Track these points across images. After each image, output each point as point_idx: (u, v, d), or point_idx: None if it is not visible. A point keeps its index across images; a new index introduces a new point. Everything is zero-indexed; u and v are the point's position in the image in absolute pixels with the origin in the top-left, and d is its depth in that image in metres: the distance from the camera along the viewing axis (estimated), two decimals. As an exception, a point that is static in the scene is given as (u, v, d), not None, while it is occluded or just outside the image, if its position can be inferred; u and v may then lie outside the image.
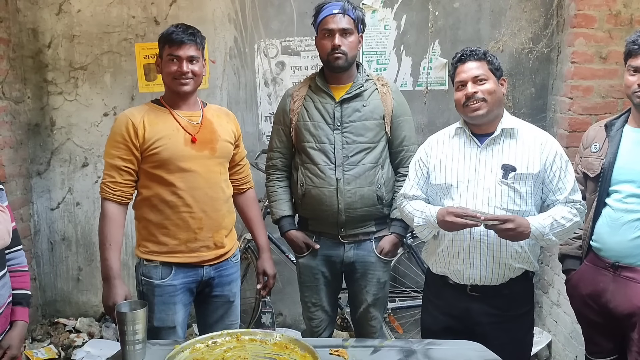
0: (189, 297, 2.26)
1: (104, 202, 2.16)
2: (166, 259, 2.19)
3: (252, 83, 3.59)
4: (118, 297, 2.08)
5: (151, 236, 2.20)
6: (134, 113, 2.17)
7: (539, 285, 3.60)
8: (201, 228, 2.19)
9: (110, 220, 2.14)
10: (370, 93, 2.44)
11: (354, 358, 1.77)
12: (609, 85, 3.08)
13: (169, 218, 2.17)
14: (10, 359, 1.84)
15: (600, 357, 2.34)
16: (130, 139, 2.11)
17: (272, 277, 2.48)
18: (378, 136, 2.43)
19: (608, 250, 2.17)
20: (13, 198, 3.47)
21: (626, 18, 3.02)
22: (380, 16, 3.45)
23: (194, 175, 2.16)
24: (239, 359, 1.75)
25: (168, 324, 2.18)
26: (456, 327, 2.14)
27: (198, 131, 2.19)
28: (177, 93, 2.17)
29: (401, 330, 3.48)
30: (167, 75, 2.14)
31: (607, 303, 2.18)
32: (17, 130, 3.57)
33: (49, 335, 3.65)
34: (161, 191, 2.15)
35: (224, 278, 2.31)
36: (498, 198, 2.02)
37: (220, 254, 2.27)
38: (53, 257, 3.82)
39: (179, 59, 2.11)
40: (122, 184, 2.15)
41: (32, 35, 3.59)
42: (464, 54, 2.08)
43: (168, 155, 2.12)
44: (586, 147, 2.32)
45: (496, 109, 2.06)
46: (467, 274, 2.09)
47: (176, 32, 2.11)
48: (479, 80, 2.03)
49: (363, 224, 2.47)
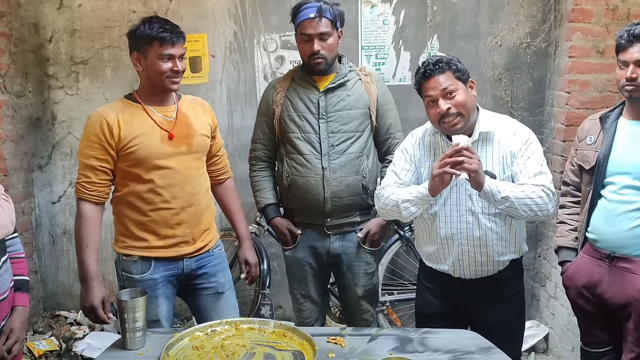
0: (172, 290, 2.25)
1: (80, 202, 2.13)
2: (145, 254, 2.17)
3: (251, 77, 3.60)
4: (95, 299, 2.07)
5: (129, 232, 2.18)
6: (108, 111, 2.12)
7: (536, 278, 3.62)
8: (179, 224, 2.18)
9: (87, 220, 2.12)
10: (354, 83, 2.45)
11: (351, 346, 1.80)
12: (606, 79, 3.09)
13: (147, 214, 2.15)
14: (14, 341, 1.86)
15: (596, 348, 2.36)
16: (105, 139, 2.08)
17: (253, 266, 2.46)
18: (363, 125, 2.45)
19: (604, 241, 2.19)
20: (14, 191, 3.49)
21: (623, 12, 3.03)
22: (379, 11, 3.47)
23: (172, 172, 2.14)
24: (237, 347, 1.77)
25: (151, 317, 2.13)
26: (449, 310, 2.18)
27: (173, 127, 2.16)
28: (164, 90, 2.15)
29: (399, 322, 3.50)
30: (158, 74, 2.09)
31: (603, 294, 2.20)
32: (19, 124, 3.59)
33: (50, 327, 3.68)
34: (138, 188, 2.13)
35: (208, 269, 2.29)
36: (479, 203, 2.04)
37: (200, 247, 2.25)
38: (54, 250, 3.85)
39: (173, 58, 2.08)
40: (98, 184, 2.12)
41: (34, 30, 3.60)
42: (427, 69, 2.02)
43: (145, 153, 2.10)
44: (581, 139, 2.33)
45: (472, 116, 2.04)
46: (458, 274, 2.13)
47: (167, 30, 2.07)
48: (449, 94, 1.98)
49: (348, 214, 2.49)
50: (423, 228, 2.18)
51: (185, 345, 1.79)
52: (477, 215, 2.04)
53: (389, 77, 3.52)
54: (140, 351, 1.79)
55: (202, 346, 1.78)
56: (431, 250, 2.16)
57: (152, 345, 1.82)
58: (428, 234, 2.16)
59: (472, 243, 2.06)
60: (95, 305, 2.07)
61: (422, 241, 2.21)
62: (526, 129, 2.09)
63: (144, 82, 2.17)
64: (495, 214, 2.05)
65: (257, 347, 1.78)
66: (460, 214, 2.06)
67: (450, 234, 2.08)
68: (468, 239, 2.06)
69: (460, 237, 2.07)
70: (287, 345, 1.79)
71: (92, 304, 2.07)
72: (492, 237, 2.06)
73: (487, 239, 2.06)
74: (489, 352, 1.77)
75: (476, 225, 2.05)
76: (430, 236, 2.14)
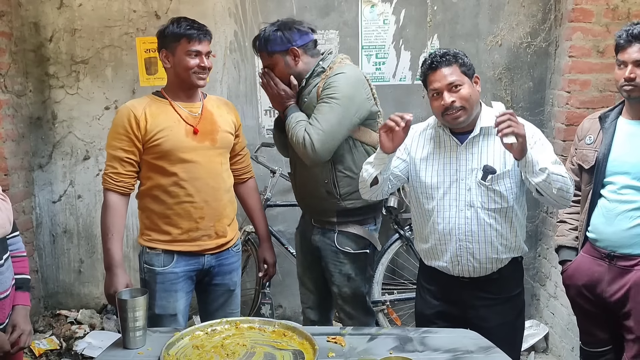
0: (190, 285, 2.29)
1: (106, 192, 2.19)
2: (168, 247, 2.22)
3: (252, 77, 3.61)
4: (119, 286, 2.11)
5: (154, 225, 2.23)
6: (136, 105, 2.20)
7: (536, 277, 3.62)
8: (203, 217, 2.22)
9: (113, 210, 2.18)
10: (312, 87, 2.29)
11: (351, 345, 1.80)
12: (606, 79, 3.09)
13: (171, 208, 2.20)
14: (19, 334, 1.87)
15: (595, 347, 2.37)
16: (132, 131, 2.14)
17: (272, 265, 2.53)
18: None
19: (604, 240, 2.20)
20: (15, 191, 3.50)
21: (623, 12, 3.04)
22: (380, 10, 3.47)
23: (196, 166, 2.19)
24: (237, 346, 1.77)
25: (169, 312, 2.22)
26: (449, 311, 2.17)
27: (198, 122, 2.22)
28: (191, 86, 2.21)
29: (399, 322, 3.51)
30: (185, 70, 2.16)
31: (603, 293, 2.21)
32: (19, 124, 3.59)
33: (50, 326, 3.68)
34: (163, 182, 2.19)
35: (224, 267, 2.34)
36: (479, 198, 2.04)
37: (222, 243, 2.30)
38: (55, 250, 3.85)
39: (199, 54, 2.16)
40: (124, 175, 2.18)
41: (34, 29, 3.61)
42: (434, 61, 2.01)
43: (170, 146, 2.15)
44: (581, 138, 2.34)
45: (475, 111, 2.04)
46: (456, 271, 2.12)
47: (194, 28, 2.15)
48: (454, 87, 1.97)
49: (324, 213, 2.40)
50: (421, 223, 2.18)
51: (186, 345, 1.80)
52: (476, 210, 2.04)
53: (389, 76, 3.52)
54: (140, 350, 1.79)
55: (202, 345, 1.79)
56: (429, 246, 2.15)
57: (152, 345, 1.82)
58: (426, 229, 2.15)
59: (471, 238, 2.06)
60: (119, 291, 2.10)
61: (420, 237, 2.21)
62: (530, 125, 2.07)
63: (172, 78, 2.24)
64: (494, 209, 2.04)
65: (257, 346, 1.78)
66: (459, 208, 2.06)
67: (448, 229, 2.08)
68: (466, 234, 2.06)
69: (459, 232, 2.07)
70: (287, 345, 1.79)
71: (117, 290, 2.09)
72: (491, 234, 2.05)
73: (486, 235, 2.05)
74: (488, 352, 1.77)
75: (475, 221, 2.05)
76: (428, 231, 2.14)
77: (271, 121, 3.61)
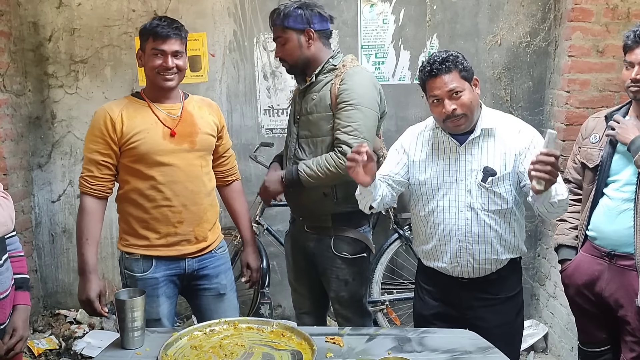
0: (173, 289, 2.25)
1: (82, 196, 2.15)
2: (146, 252, 2.18)
3: (251, 76, 3.61)
4: (92, 292, 2.08)
5: (132, 230, 2.19)
6: (113, 107, 2.14)
7: (536, 277, 3.62)
8: (181, 222, 2.18)
9: (88, 214, 2.13)
10: (323, 85, 2.28)
11: (349, 346, 1.80)
12: (605, 78, 3.09)
13: (149, 212, 2.16)
14: (17, 340, 1.87)
15: (594, 347, 2.37)
16: (108, 133, 2.09)
17: (255, 271, 2.46)
18: (322, 130, 2.27)
19: (604, 239, 2.19)
20: (14, 190, 3.50)
21: (623, 12, 3.03)
22: (379, 10, 3.46)
23: (173, 169, 2.14)
24: (236, 347, 1.77)
25: (152, 316, 2.15)
26: (447, 312, 2.17)
27: (177, 124, 2.16)
28: (161, 87, 2.15)
29: (399, 322, 3.50)
30: (151, 70, 2.10)
31: (602, 292, 2.21)
32: (18, 123, 3.59)
33: (50, 326, 3.69)
34: (141, 185, 2.14)
35: (210, 270, 2.28)
36: (479, 200, 2.04)
37: (202, 247, 2.25)
38: (54, 249, 3.85)
39: (164, 54, 2.08)
40: (100, 179, 2.14)
41: (33, 29, 3.61)
42: (433, 68, 1.95)
43: (146, 149, 2.10)
44: (585, 137, 2.33)
45: (476, 115, 2.03)
46: (455, 272, 2.12)
47: (161, 25, 2.07)
48: (454, 94, 1.95)
49: (318, 218, 2.38)
50: (421, 224, 2.18)
51: (184, 345, 1.79)
52: (476, 211, 2.04)
53: (388, 76, 3.52)
54: (138, 350, 1.79)
55: (200, 346, 1.78)
56: (428, 248, 2.15)
57: (150, 345, 1.82)
58: (426, 231, 2.15)
59: (470, 239, 2.06)
60: (92, 298, 2.09)
61: (420, 239, 2.20)
62: (531, 128, 2.07)
63: (147, 79, 2.20)
64: (494, 211, 2.04)
65: (255, 346, 1.78)
66: (459, 209, 2.05)
67: (448, 230, 2.08)
68: (466, 235, 2.06)
69: (458, 233, 2.06)
70: (285, 345, 1.79)
71: (89, 296, 2.08)
72: (490, 235, 2.05)
73: (486, 236, 2.05)
74: (487, 352, 1.77)
75: (475, 222, 2.04)
76: (428, 232, 2.14)
77: (270, 120, 3.62)
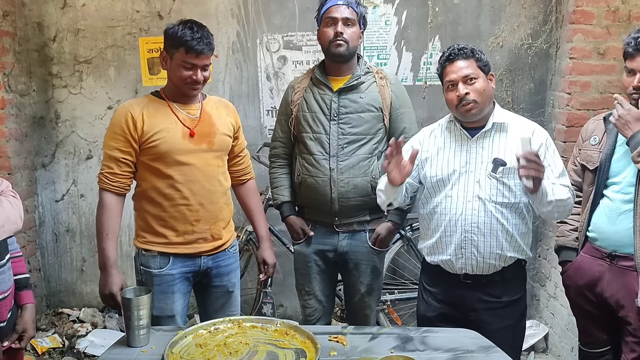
0: (187, 286, 2.29)
1: (102, 192, 2.17)
2: (164, 250, 2.21)
3: (254, 77, 3.63)
4: (114, 286, 2.10)
5: (149, 227, 2.22)
6: (134, 105, 2.18)
7: (536, 278, 3.64)
8: (198, 220, 2.21)
9: (108, 210, 2.16)
10: (368, 85, 2.46)
11: (352, 344, 1.82)
12: (606, 80, 3.11)
13: (167, 210, 2.19)
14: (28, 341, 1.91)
15: (594, 348, 2.38)
16: (129, 131, 2.12)
17: (271, 266, 2.50)
18: (374, 128, 2.46)
19: (605, 239, 2.20)
20: (18, 190, 3.46)
21: (624, 14, 3.05)
22: (381, 11, 3.48)
23: (192, 169, 2.18)
24: (240, 345, 1.79)
25: (167, 313, 2.20)
26: (450, 314, 2.19)
27: (196, 125, 2.20)
28: (185, 95, 2.19)
29: (400, 321, 3.52)
30: (179, 80, 2.13)
31: (603, 292, 2.21)
32: (23, 123, 3.61)
33: (53, 325, 3.71)
34: (159, 184, 2.17)
35: (222, 268, 2.33)
36: (487, 190, 2.06)
37: (218, 245, 2.29)
38: (57, 249, 3.87)
39: (194, 67, 2.11)
40: (120, 175, 2.16)
41: (38, 29, 3.63)
42: (452, 53, 2.07)
43: (166, 148, 2.13)
44: (585, 139, 2.34)
45: (487, 106, 2.09)
46: (460, 264, 2.13)
47: (195, 39, 2.07)
48: (469, 80, 2.03)
49: (357, 213, 2.50)
50: (428, 218, 2.20)
51: (189, 343, 1.81)
52: (484, 201, 2.06)
53: (390, 77, 3.53)
54: (144, 349, 1.81)
55: (205, 344, 1.80)
56: (434, 240, 2.17)
57: (156, 343, 1.84)
58: (432, 224, 2.18)
59: (476, 230, 2.07)
60: (114, 292, 2.10)
61: (426, 234, 2.23)
62: (543, 130, 2.14)
63: (169, 80, 2.21)
64: (502, 203, 2.06)
65: (259, 345, 1.80)
66: (467, 199, 2.08)
67: (454, 219, 2.10)
68: (472, 225, 2.07)
69: (464, 223, 2.08)
70: (289, 344, 1.80)
71: (111, 290, 2.10)
72: (497, 227, 2.07)
73: (492, 228, 2.07)
74: (488, 351, 1.79)
75: (482, 212, 2.06)
76: (435, 224, 2.16)
77: (273, 121, 3.63)
